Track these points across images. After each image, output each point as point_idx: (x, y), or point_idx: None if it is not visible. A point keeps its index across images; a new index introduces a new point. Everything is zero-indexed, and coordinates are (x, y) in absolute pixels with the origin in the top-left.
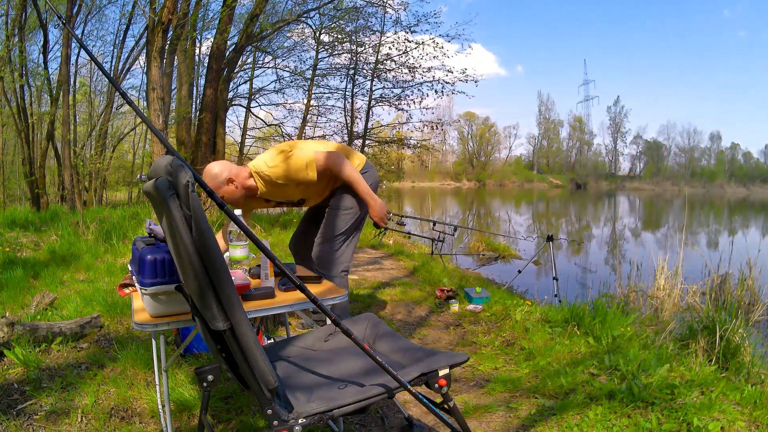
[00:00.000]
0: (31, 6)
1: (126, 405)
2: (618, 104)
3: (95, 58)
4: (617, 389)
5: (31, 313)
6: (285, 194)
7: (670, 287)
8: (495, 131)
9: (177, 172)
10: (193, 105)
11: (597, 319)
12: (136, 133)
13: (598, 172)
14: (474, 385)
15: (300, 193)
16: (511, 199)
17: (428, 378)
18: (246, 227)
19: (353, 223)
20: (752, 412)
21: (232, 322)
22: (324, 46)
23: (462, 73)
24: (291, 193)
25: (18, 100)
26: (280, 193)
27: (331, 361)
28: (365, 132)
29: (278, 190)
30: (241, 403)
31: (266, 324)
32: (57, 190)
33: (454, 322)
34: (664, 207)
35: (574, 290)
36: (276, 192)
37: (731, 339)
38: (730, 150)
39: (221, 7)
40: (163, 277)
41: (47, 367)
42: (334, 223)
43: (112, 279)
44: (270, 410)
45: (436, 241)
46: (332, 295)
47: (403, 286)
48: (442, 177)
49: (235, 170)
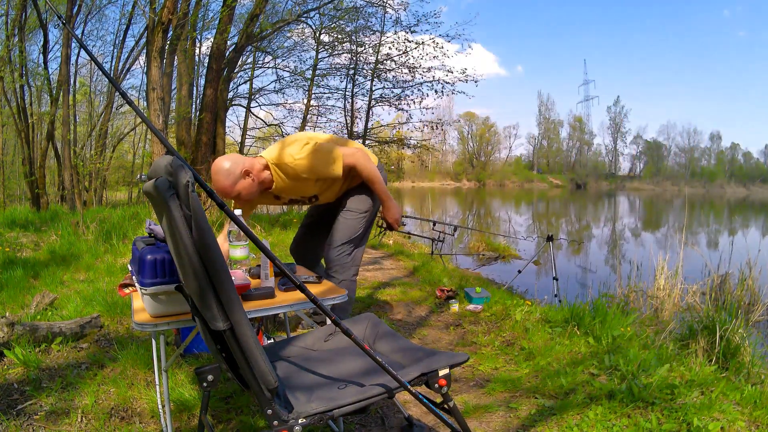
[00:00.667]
0: (31, 6)
1: (126, 405)
2: (618, 104)
3: (95, 58)
4: (617, 389)
5: (31, 313)
6: (301, 189)
7: (670, 287)
8: (495, 131)
9: (177, 172)
10: (193, 105)
11: (597, 319)
12: (136, 133)
13: (598, 172)
14: (474, 385)
15: (316, 189)
16: (511, 199)
17: (428, 378)
18: (246, 227)
19: (366, 227)
20: (752, 412)
21: (232, 322)
22: (324, 46)
23: (462, 73)
24: (308, 189)
25: (18, 100)
26: (297, 187)
27: (331, 361)
28: (365, 132)
29: (297, 184)
30: (241, 403)
31: (266, 324)
32: (57, 190)
33: (454, 322)
34: (664, 207)
35: (574, 290)
36: (293, 187)
37: (731, 339)
38: (730, 150)
39: (221, 7)
40: (163, 277)
41: (47, 367)
42: (349, 226)
43: (112, 279)
44: (270, 410)
45: (436, 241)
46: (332, 295)
47: (403, 286)
48: (442, 177)
49: (248, 162)
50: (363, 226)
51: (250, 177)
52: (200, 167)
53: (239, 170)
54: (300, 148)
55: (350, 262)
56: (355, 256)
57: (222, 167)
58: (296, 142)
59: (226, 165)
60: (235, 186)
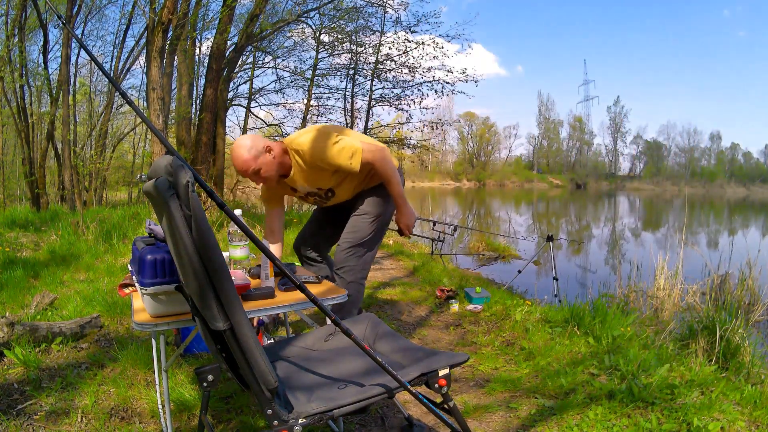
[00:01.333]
0: (31, 6)
1: (126, 405)
2: (618, 104)
3: (95, 58)
4: (617, 389)
5: (31, 313)
6: (318, 180)
7: (670, 287)
8: (495, 131)
9: (177, 172)
10: (193, 105)
11: (597, 319)
12: (136, 133)
13: (598, 172)
14: (474, 385)
15: (333, 182)
16: (511, 199)
17: (428, 378)
18: (246, 227)
19: (377, 231)
20: (752, 412)
21: (232, 322)
22: (324, 46)
23: (462, 73)
24: (324, 180)
25: (18, 100)
26: (313, 177)
27: (331, 361)
28: (365, 132)
29: (314, 174)
30: (241, 403)
31: (266, 324)
32: (57, 190)
33: (454, 322)
34: (664, 207)
35: (574, 290)
36: (310, 175)
37: (731, 339)
38: (730, 150)
39: (221, 7)
40: (163, 277)
41: (47, 367)
42: (359, 228)
43: (112, 279)
44: (270, 410)
45: (436, 241)
46: (332, 295)
47: (403, 286)
48: (442, 177)
49: (270, 142)
50: (374, 229)
51: (271, 155)
52: (200, 167)
53: (261, 145)
54: (322, 136)
55: (359, 265)
56: (365, 259)
57: (244, 142)
58: (320, 131)
59: (248, 141)
60: (257, 160)
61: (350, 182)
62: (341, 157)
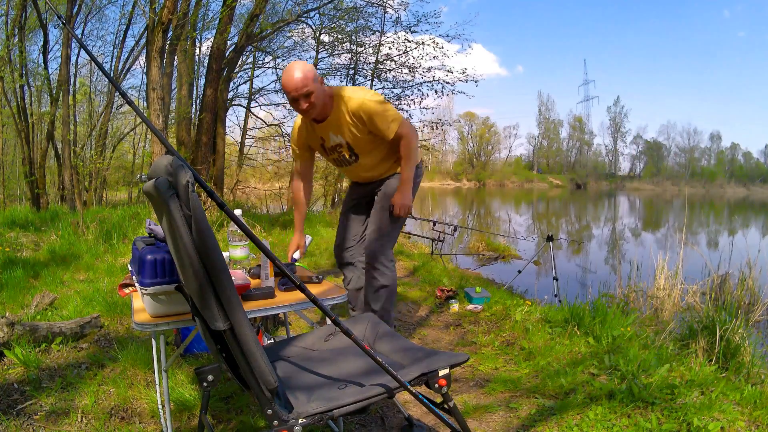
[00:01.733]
0: (31, 6)
1: (126, 405)
2: (618, 104)
3: (95, 58)
4: (617, 389)
5: (31, 313)
6: (350, 134)
7: (670, 287)
8: (495, 131)
9: (177, 172)
10: (193, 105)
11: (597, 319)
12: (136, 133)
13: (598, 172)
14: (474, 385)
15: (362, 145)
16: (511, 199)
17: (428, 378)
18: (246, 227)
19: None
20: (752, 412)
21: (232, 322)
22: (324, 46)
23: (462, 73)
24: (356, 138)
25: (18, 100)
26: (347, 130)
27: (331, 361)
28: None
29: (350, 127)
30: (241, 403)
31: (266, 324)
32: (57, 190)
33: (454, 322)
34: (664, 207)
35: (574, 290)
36: (344, 126)
37: (731, 339)
38: (730, 150)
39: (221, 7)
40: (163, 277)
41: (47, 367)
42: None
43: (112, 279)
44: (270, 410)
45: (436, 241)
46: (332, 295)
47: (403, 286)
48: (442, 177)
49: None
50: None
51: (322, 87)
52: (200, 167)
53: (314, 74)
54: (373, 95)
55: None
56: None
57: (302, 65)
58: (372, 91)
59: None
60: (313, 83)
61: (376, 154)
62: (384, 117)
